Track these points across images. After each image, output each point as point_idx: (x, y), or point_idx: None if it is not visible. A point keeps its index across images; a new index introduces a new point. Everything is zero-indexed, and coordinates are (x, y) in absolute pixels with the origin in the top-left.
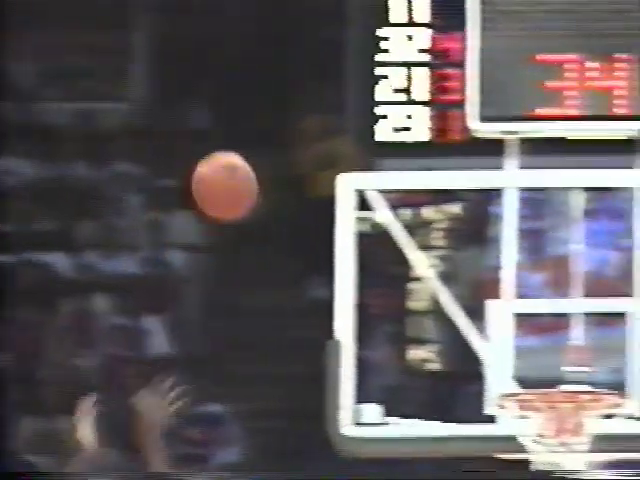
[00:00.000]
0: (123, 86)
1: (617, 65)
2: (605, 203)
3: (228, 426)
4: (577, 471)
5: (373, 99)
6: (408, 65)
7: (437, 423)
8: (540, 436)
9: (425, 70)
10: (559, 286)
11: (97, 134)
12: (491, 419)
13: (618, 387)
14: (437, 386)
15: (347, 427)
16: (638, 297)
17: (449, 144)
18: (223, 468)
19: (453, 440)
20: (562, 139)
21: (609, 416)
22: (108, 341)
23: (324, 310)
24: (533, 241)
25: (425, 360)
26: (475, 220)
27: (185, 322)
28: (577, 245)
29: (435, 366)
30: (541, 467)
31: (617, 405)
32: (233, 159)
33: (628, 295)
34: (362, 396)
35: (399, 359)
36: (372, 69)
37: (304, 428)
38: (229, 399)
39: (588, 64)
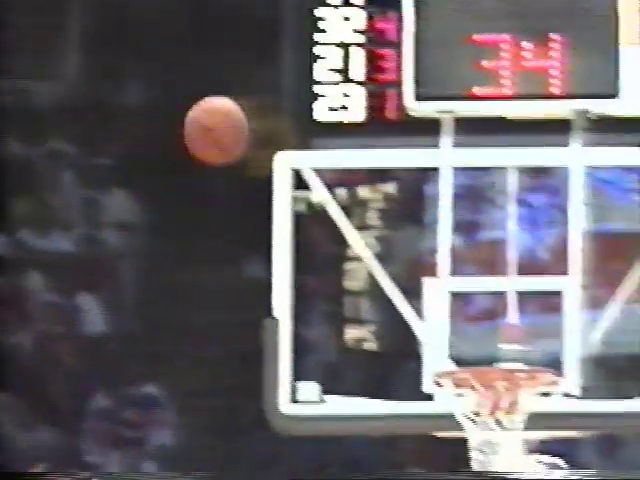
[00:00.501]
0: (57, 65)
1: (552, 45)
2: (540, 182)
3: (164, 407)
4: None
5: (310, 79)
6: (345, 45)
7: (375, 401)
8: (476, 414)
9: (361, 50)
10: (494, 265)
11: (30, 112)
12: (428, 397)
13: (554, 365)
14: (374, 365)
15: (285, 405)
16: (573, 276)
17: (385, 123)
18: (160, 449)
19: (391, 418)
20: (498, 118)
21: (545, 394)
22: (42, 319)
23: (262, 289)
24: (469, 220)
25: (362, 339)
26: (411, 199)
27: (120, 300)
28: (512, 224)
29: (372, 345)
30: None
31: (553, 383)
32: (226, 103)
33: (563, 273)
34: (300, 374)
35: (336, 338)
36: (309, 49)
37: (241, 406)
38: (165, 379)
39: (523, 44)
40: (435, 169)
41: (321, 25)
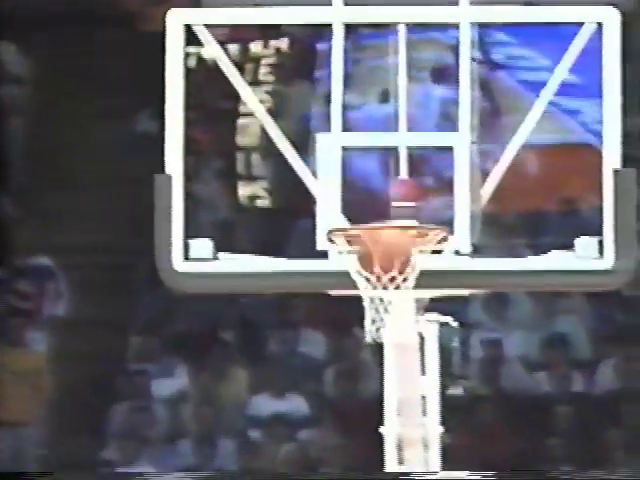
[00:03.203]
0: None
1: None
2: (431, 40)
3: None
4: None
5: None
6: None
7: (268, 259)
8: (368, 271)
9: None
10: (387, 121)
11: None
12: (322, 255)
13: (445, 223)
14: (268, 222)
15: (177, 262)
16: (463, 132)
17: None
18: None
19: (284, 276)
20: None
21: (436, 252)
22: None
23: (154, 145)
24: (360, 76)
25: (255, 196)
26: (303, 55)
27: (6, 155)
28: (402, 79)
29: (265, 202)
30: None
31: (444, 240)
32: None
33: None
34: (192, 232)
35: (229, 195)
36: None
37: (134, 265)
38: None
39: None
40: (328, 25)
41: None
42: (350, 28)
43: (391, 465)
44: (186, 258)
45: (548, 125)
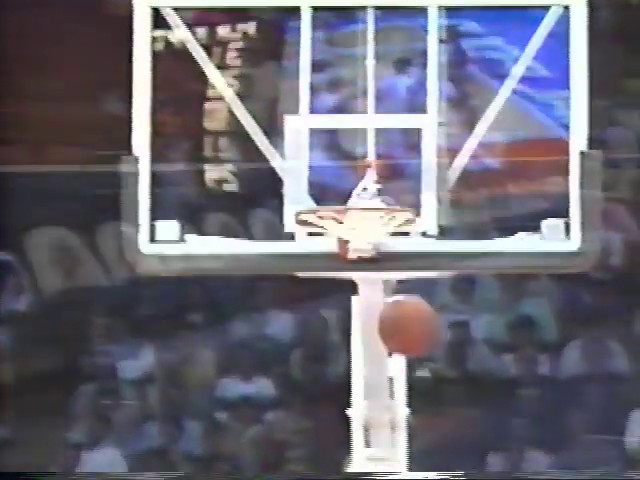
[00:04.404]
0: None
1: None
2: (396, 22)
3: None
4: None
5: None
6: None
7: (236, 241)
8: (335, 252)
9: None
10: (354, 102)
11: None
12: (290, 237)
13: (412, 204)
14: (235, 205)
15: (144, 244)
16: (431, 114)
17: None
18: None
19: (252, 258)
20: None
21: (403, 234)
22: None
23: (122, 126)
24: (327, 60)
25: (223, 180)
26: (271, 39)
27: None
28: (370, 61)
29: (233, 186)
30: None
31: (410, 222)
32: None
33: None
34: (159, 214)
35: (196, 178)
36: None
37: (99, 244)
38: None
39: None
40: (296, 8)
41: None
42: (318, 15)
43: (358, 448)
44: (152, 240)
45: (515, 116)
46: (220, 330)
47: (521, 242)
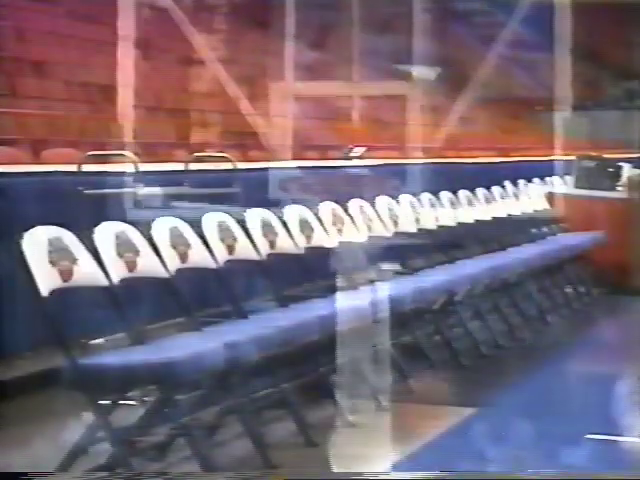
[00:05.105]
0: None
1: None
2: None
3: None
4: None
5: None
6: None
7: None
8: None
9: None
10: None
11: None
12: (275, 204)
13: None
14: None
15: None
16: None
17: None
18: None
19: None
20: None
21: None
22: None
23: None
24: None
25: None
26: (256, 5)
27: None
28: (356, 29)
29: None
30: None
31: None
32: None
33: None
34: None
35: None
36: None
37: None
38: None
39: None
40: None
41: None
42: None
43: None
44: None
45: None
46: None
47: None
